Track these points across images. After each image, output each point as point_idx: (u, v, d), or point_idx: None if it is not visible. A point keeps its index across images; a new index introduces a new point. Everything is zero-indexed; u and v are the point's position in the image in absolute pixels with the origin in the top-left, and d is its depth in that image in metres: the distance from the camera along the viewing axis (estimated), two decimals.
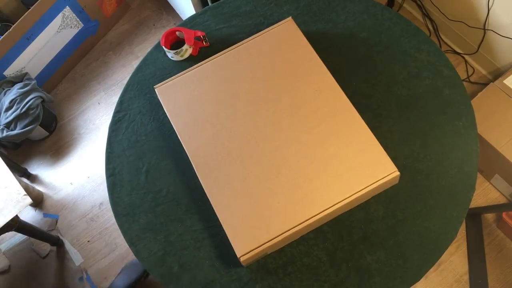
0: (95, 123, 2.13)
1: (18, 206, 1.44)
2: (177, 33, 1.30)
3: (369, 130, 1.03)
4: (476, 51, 1.83)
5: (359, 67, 1.20)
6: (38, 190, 2.01)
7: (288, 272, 1.00)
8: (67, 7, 1.96)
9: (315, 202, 0.97)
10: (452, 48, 1.94)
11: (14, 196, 1.46)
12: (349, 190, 0.98)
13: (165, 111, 1.14)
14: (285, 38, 1.18)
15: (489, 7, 1.62)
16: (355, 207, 1.04)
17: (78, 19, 2.05)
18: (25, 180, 2.06)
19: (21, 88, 1.90)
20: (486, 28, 1.70)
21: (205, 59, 1.19)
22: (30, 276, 1.86)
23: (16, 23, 1.80)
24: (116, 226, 1.10)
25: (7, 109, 1.88)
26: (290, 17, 1.21)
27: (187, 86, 1.16)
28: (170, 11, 2.27)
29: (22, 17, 1.80)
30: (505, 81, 1.62)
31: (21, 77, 1.95)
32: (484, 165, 1.66)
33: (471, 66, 1.90)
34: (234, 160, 1.04)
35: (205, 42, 1.28)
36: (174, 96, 1.16)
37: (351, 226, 1.02)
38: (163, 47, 1.26)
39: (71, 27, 2.04)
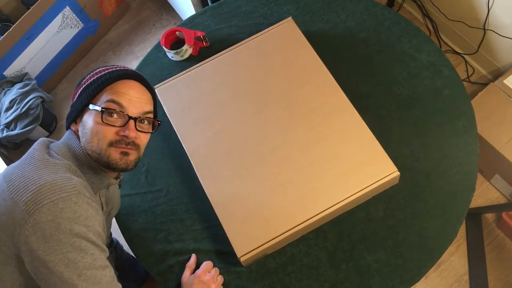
0: None
1: None
2: (177, 33, 1.30)
3: (369, 130, 1.03)
4: (476, 51, 1.82)
5: (359, 67, 1.19)
6: None
7: (288, 272, 0.99)
8: (67, 7, 1.96)
9: (315, 202, 0.97)
10: (452, 48, 1.94)
11: None
12: (349, 190, 0.97)
13: (165, 111, 1.14)
14: (285, 38, 1.17)
15: (489, 7, 1.62)
16: (355, 207, 1.03)
17: (78, 19, 2.05)
18: None
19: (21, 88, 1.90)
20: (486, 28, 1.70)
21: (205, 59, 1.19)
22: None
23: (16, 23, 1.80)
24: (116, 226, 1.10)
25: (7, 109, 1.88)
26: (290, 17, 1.21)
27: (187, 86, 1.16)
28: (170, 11, 2.27)
29: (22, 17, 1.80)
30: (505, 81, 1.62)
31: (21, 77, 1.95)
32: (484, 165, 1.66)
33: (471, 66, 1.90)
34: (234, 160, 1.04)
35: (205, 42, 1.28)
36: (174, 96, 1.16)
37: (351, 226, 1.02)
38: (163, 47, 1.26)
39: (71, 27, 2.04)
